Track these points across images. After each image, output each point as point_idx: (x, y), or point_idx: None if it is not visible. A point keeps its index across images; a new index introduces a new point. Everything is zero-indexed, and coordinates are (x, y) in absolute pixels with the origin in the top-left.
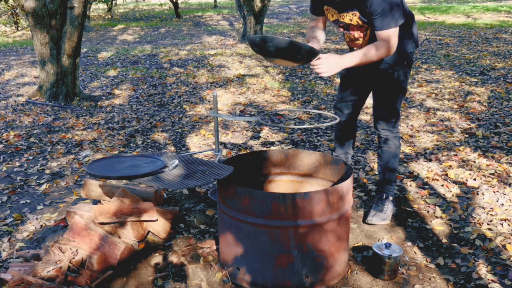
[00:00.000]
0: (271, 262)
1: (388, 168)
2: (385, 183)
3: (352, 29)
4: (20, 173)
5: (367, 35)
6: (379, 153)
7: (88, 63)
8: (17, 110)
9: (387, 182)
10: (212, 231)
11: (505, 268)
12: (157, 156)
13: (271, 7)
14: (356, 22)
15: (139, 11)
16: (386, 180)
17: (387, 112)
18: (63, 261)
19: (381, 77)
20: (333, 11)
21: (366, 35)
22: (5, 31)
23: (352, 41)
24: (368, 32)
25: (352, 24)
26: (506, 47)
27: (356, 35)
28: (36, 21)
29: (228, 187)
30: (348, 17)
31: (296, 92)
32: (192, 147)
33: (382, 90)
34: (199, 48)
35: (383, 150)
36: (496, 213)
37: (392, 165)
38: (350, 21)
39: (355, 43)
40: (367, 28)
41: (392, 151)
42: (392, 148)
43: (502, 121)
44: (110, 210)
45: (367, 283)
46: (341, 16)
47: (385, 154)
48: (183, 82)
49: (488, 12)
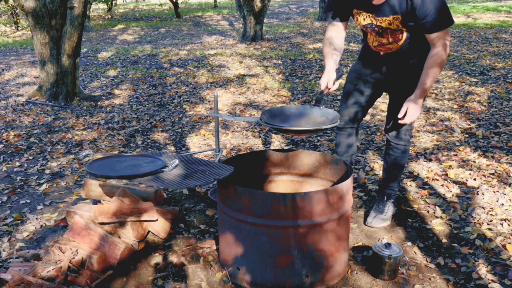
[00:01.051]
0: (271, 262)
1: (397, 171)
2: (388, 185)
3: (386, 34)
4: (20, 173)
5: (402, 39)
6: (387, 158)
7: (88, 63)
8: (17, 110)
9: (390, 185)
10: (212, 231)
11: (505, 268)
12: (157, 156)
13: (271, 7)
14: (396, 26)
15: (139, 11)
16: (390, 183)
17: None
18: (63, 261)
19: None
20: (366, 14)
21: (401, 39)
22: (5, 31)
23: (383, 45)
24: (403, 36)
25: (390, 29)
26: (506, 47)
27: (390, 39)
28: (36, 21)
29: (228, 187)
30: (387, 21)
31: (296, 92)
32: (192, 147)
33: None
34: (199, 48)
35: (391, 156)
36: (496, 213)
37: (401, 169)
38: (389, 25)
39: (386, 47)
40: (403, 32)
41: (404, 157)
42: (405, 154)
43: (502, 121)
44: (110, 210)
45: (367, 283)
46: (378, 20)
47: (396, 160)
48: (183, 82)
49: (488, 12)
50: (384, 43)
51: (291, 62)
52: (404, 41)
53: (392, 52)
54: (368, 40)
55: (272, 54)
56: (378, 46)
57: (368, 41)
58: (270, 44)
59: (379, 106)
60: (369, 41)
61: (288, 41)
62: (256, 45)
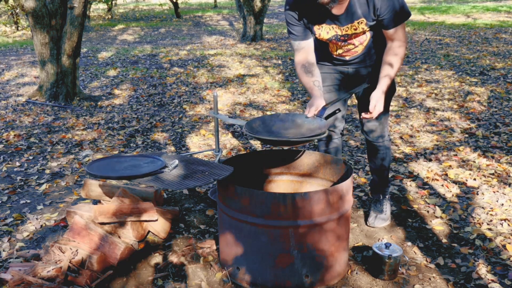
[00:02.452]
0: (271, 262)
1: (382, 168)
2: (380, 183)
3: (351, 39)
4: (20, 173)
5: (367, 39)
6: (371, 158)
7: (88, 63)
8: (17, 110)
9: (382, 184)
10: (212, 231)
11: (505, 268)
12: (157, 156)
13: (271, 7)
14: (361, 29)
15: (139, 11)
16: (382, 181)
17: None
18: (63, 261)
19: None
20: (329, 27)
21: (365, 39)
22: (5, 31)
23: (349, 51)
24: (367, 36)
25: (355, 33)
26: (506, 47)
27: (356, 43)
28: (36, 21)
29: (228, 187)
30: (353, 27)
31: (296, 92)
32: (192, 147)
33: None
34: (199, 48)
35: (376, 155)
36: (496, 213)
37: (386, 164)
38: (354, 30)
39: (352, 51)
40: (366, 32)
41: (385, 153)
42: (387, 151)
43: (502, 121)
44: (110, 210)
45: (367, 283)
46: (343, 29)
47: (377, 158)
48: (183, 82)
49: (488, 12)
50: (350, 49)
51: (291, 62)
52: (368, 41)
53: (358, 55)
54: (331, 49)
55: (272, 54)
56: (343, 53)
57: (331, 50)
58: (270, 44)
59: None
60: (331, 50)
61: (288, 41)
62: (256, 45)
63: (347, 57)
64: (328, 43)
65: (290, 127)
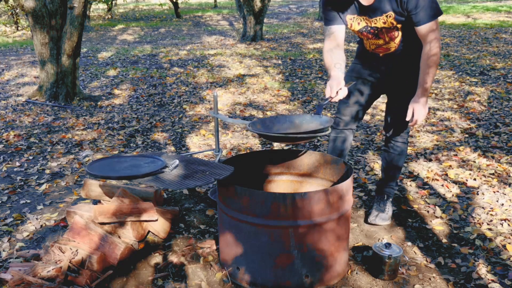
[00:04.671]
0: (271, 262)
1: (396, 170)
2: (389, 184)
3: (382, 33)
4: (20, 173)
5: (398, 37)
6: (386, 156)
7: (88, 63)
8: (17, 110)
9: (391, 184)
10: (212, 231)
11: (505, 268)
12: (157, 156)
13: (271, 7)
14: (390, 24)
15: (139, 11)
16: (391, 182)
17: (402, 118)
18: (63, 261)
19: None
20: (360, 18)
21: (396, 37)
22: (5, 31)
23: (380, 46)
24: (399, 34)
25: (385, 28)
26: (506, 47)
27: (387, 39)
28: (36, 21)
29: (228, 187)
30: (381, 20)
31: (296, 92)
32: (192, 147)
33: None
34: (199, 48)
35: (390, 154)
36: (496, 213)
37: (400, 166)
38: (383, 24)
39: (384, 47)
40: (398, 29)
41: (403, 155)
42: (404, 152)
43: (502, 121)
44: (110, 210)
45: (367, 283)
46: (372, 21)
47: (395, 157)
48: (183, 82)
49: (488, 12)
50: (381, 44)
51: (291, 62)
52: (400, 39)
53: (391, 53)
54: (365, 45)
55: (272, 54)
56: (376, 48)
57: (365, 45)
58: (270, 44)
59: (379, 106)
60: (366, 46)
61: (288, 41)
62: (256, 45)
63: (381, 54)
64: (363, 39)
65: (290, 127)
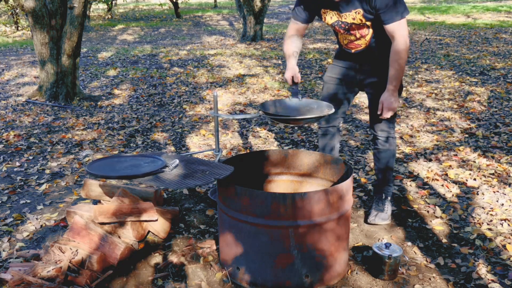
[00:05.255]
0: (271, 262)
1: (387, 168)
2: (384, 183)
3: (353, 29)
4: (20, 173)
5: (369, 34)
6: (376, 154)
7: (88, 63)
8: (17, 110)
9: (386, 182)
10: (212, 231)
11: (505, 268)
12: (157, 156)
13: (271, 7)
14: (360, 21)
15: (139, 11)
16: (385, 180)
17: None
18: (63, 261)
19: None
20: (332, 12)
21: (367, 34)
22: (5, 31)
23: (351, 42)
24: (369, 31)
25: (355, 23)
26: (506, 47)
27: (357, 35)
28: (36, 21)
29: (228, 187)
30: (351, 16)
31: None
32: (192, 147)
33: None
34: (199, 48)
35: (381, 151)
36: (496, 213)
37: (391, 164)
38: (353, 20)
39: (355, 44)
40: (368, 27)
41: (391, 150)
42: (392, 147)
43: (502, 121)
44: (110, 210)
45: (367, 283)
46: (343, 16)
47: (383, 154)
48: (183, 82)
49: (488, 12)
50: (352, 40)
51: None
52: (370, 36)
53: (362, 50)
54: (340, 39)
55: (272, 54)
56: (348, 44)
57: (340, 40)
58: (270, 44)
59: None
60: (340, 40)
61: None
62: (256, 45)
63: (352, 50)
64: (338, 33)
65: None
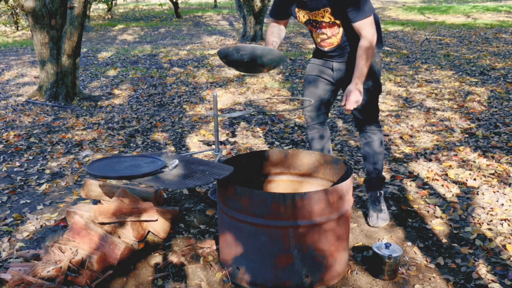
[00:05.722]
0: (271, 262)
1: (378, 164)
2: (377, 180)
3: (324, 27)
4: (20, 173)
5: (340, 33)
6: (366, 151)
7: (88, 63)
8: (17, 110)
9: (378, 179)
10: (212, 231)
11: (505, 268)
12: (157, 156)
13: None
14: (328, 19)
15: (139, 11)
16: (377, 177)
17: (368, 110)
18: (63, 261)
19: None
20: (304, 12)
21: (338, 33)
22: (5, 31)
23: (324, 40)
24: (340, 30)
25: (324, 22)
26: (506, 47)
27: (328, 33)
28: (36, 21)
29: (228, 187)
30: (320, 14)
31: (296, 92)
32: (192, 147)
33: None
34: (199, 48)
35: (370, 146)
36: (496, 213)
37: (381, 160)
38: (322, 18)
39: (327, 42)
40: (339, 25)
41: (378, 144)
42: (378, 141)
43: (502, 121)
44: (110, 210)
45: (367, 283)
46: (312, 14)
47: (372, 149)
48: (183, 82)
49: (488, 12)
50: (325, 38)
51: (291, 62)
52: (341, 35)
53: (335, 48)
54: (314, 38)
55: None
56: (321, 42)
57: (314, 38)
58: None
59: None
60: (314, 38)
61: (288, 41)
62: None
63: (326, 48)
64: (312, 32)
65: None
